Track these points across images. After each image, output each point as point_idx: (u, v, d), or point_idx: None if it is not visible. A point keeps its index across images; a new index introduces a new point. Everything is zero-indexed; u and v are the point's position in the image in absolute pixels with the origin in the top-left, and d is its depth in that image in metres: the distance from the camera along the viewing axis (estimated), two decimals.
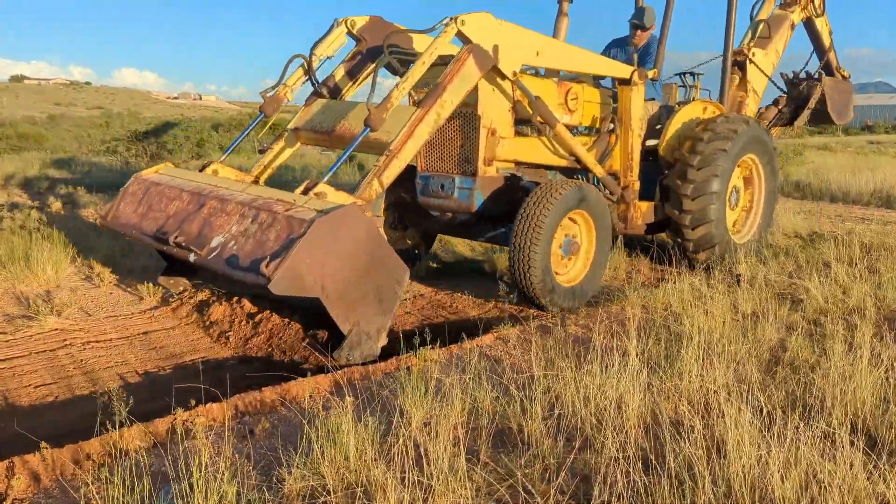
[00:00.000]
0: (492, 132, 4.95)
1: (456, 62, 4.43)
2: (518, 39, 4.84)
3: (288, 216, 3.70)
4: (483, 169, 4.97)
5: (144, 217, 4.66)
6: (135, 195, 4.92)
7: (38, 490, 2.48)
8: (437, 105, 4.34)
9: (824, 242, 6.62)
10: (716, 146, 5.92)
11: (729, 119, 6.21)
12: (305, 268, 3.48)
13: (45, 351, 4.20)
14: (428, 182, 5.27)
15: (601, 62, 5.78)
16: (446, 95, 4.37)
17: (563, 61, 5.47)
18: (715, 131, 6.00)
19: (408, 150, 4.24)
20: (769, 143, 6.64)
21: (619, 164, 5.92)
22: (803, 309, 4.54)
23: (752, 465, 2.34)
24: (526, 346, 3.80)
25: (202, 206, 4.27)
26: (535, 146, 5.32)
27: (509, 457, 2.62)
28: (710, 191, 5.87)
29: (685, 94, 6.83)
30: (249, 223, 3.86)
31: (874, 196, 11.04)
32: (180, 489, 2.27)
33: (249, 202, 4.01)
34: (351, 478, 2.41)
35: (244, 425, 2.96)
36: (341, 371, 3.49)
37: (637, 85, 5.74)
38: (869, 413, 2.90)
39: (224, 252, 3.85)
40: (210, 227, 4.08)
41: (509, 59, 4.75)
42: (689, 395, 3.05)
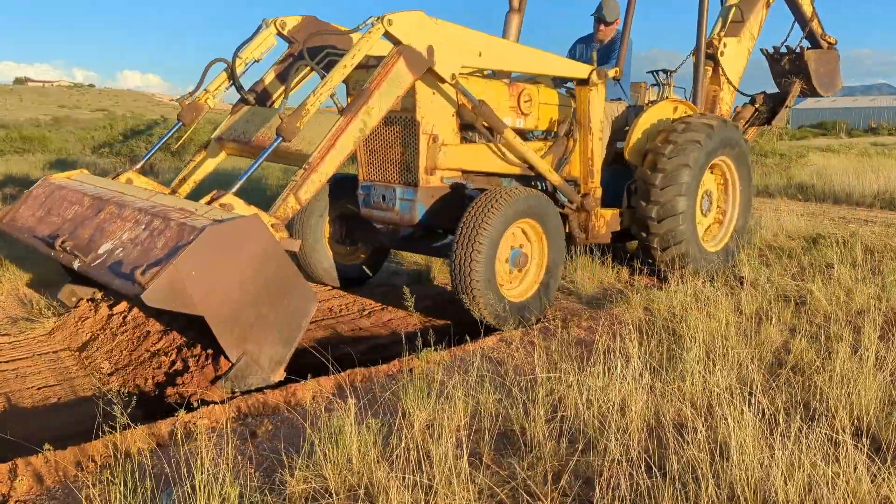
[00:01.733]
0: (433, 139, 4.59)
1: (384, 65, 4.09)
2: (456, 39, 4.43)
3: (181, 223, 3.34)
4: (425, 178, 4.61)
5: (41, 221, 4.31)
6: (37, 199, 4.57)
7: (40, 492, 2.48)
8: (363, 113, 3.98)
9: (827, 244, 6.60)
10: (677, 162, 5.48)
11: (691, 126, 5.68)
12: (190, 281, 3.07)
13: (50, 352, 4.20)
14: (369, 192, 4.89)
15: (555, 62, 5.29)
16: (373, 102, 4.01)
17: (510, 62, 5.04)
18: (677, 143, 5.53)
19: (328, 163, 3.89)
20: (743, 145, 6.24)
21: (578, 169, 5.53)
22: (807, 311, 4.53)
23: (756, 468, 2.34)
24: (529, 348, 3.80)
25: (100, 210, 3.93)
26: (484, 153, 4.93)
27: (512, 459, 2.62)
28: (677, 211, 5.48)
29: (659, 92, 6.48)
30: (142, 230, 3.51)
31: (878, 198, 11.01)
32: (182, 491, 2.26)
33: (148, 208, 3.66)
34: (353, 480, 2.41)
35: (246, 427, 2.96)
36: (344, 373, 3.49)
37: (596, 85, 5.30)
38: (873, 416, 2.89)
39: (109, 259, 3.48)
40: (102, 233, 3.73)
41: (447, 61, 4.36)
42: (692, 397, 3.04)
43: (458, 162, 4.79)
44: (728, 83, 7.02)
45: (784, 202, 10.04)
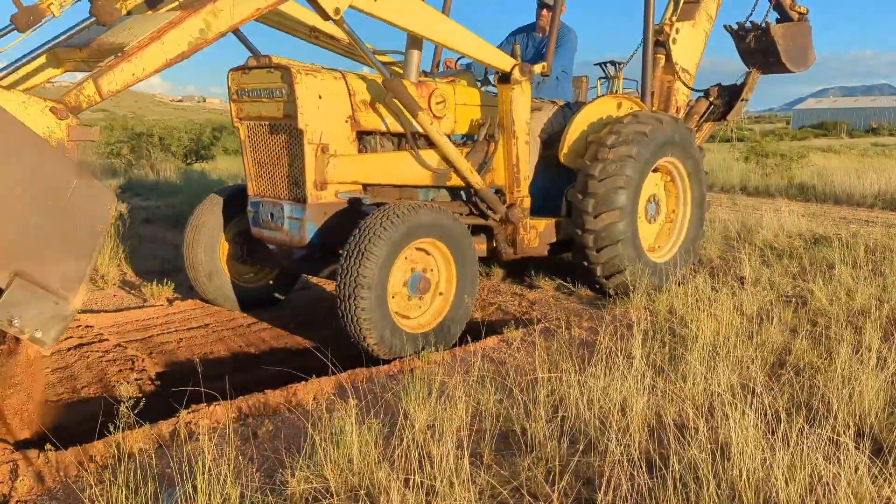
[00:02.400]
0: (322, 148, 4.05)
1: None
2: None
3: None
4: (315, 194, 4.09)
5: None
6: None
7: (42, 492, 2.49)
8: (208, 12, 3.19)
9: (828, 245, 6.60)
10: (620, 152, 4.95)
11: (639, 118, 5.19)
12: None
13: (51, 352, 4.20)
14: (258, 210, 4.40)
15: (469, 40, 4.40)
16: (223, 3, 3.23)
17: (411, 20, 4.10)
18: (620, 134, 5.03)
19: (148, 56, 3.05)
20: (690, 142, 5.57)
21: (502, 177, 4.96)
22: (808, 311, 4.53)
23: (757, 469, 2.34)
24: (530, 349, 3.80)
25: None
26: (387, 162, 4.38)
27: (513, 459, 2.62)
28: (616, 205, 4.94)
29: (608, 86, 5.98)
30: None
31: (878, 198, 11.01)
32: (184, 491, 2.27)
33: None
34: (354, 480, 2.41)
35: (247, 427, 2.96)
36: (345, 373, 3.49)
37: (520, 82, 4.69)
38: (875, 416, 2.89)
39: None
40: None
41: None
42: (693, 397, 3.04)
43: (355, 174, 4.26)
44: (683, 72, 6.36)
45: (785, 202, 10.03)
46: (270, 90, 4.13)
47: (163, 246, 7.21)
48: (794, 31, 7.07)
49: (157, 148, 16.13)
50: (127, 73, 3.02)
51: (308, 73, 4.03)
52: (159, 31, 3.10)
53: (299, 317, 5.09)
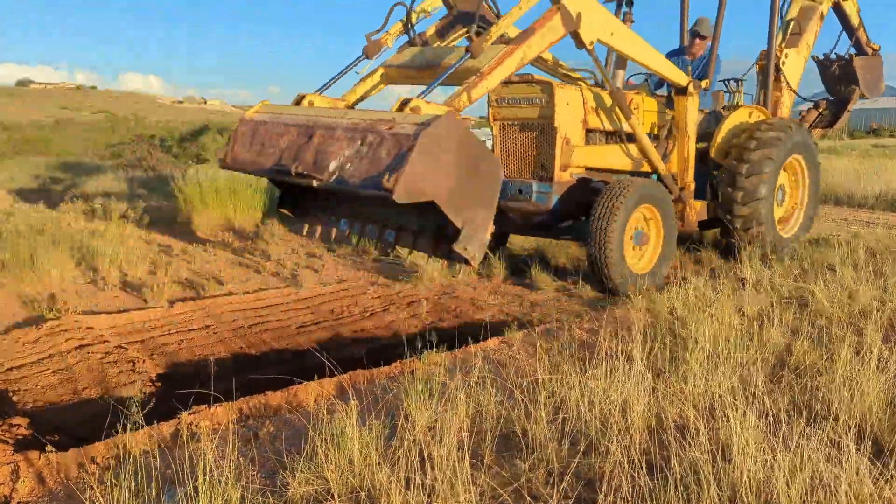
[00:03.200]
0: (567, 141, 5.53)
1: (544, 16, 4.85)
2: (599, 15, 5.18)
3: (393, 133, 4.07)
4: (559, 174, 5.55)
5: (260, 154, 5.05)
6: (245, 136, 5.29)
7: (43, 493, 2.49)
8: (525, 45, 4.70)
9: (829, 246, 6.60)
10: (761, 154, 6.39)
11: (774, 126, 6.64)
12: (420, 176, 3.88)
13: (53, 354, 4.21)
14: (506, 187, 5.64)
15: (663, 62, 6.03)
16: (533, 40, 4.73)
17: (632, 49, 5.62)
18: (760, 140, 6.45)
19: (495, 75, 4.59)
20: (811, 145, 7.17)
21: (676, 166, 6.40)
22: (809, 313, 4.52)
23: (758, 470, 2.33)
24: (530, 350, 3.79)
25: (311, 136, 4.64)
26: (602, 152, 5.90)
27: (514, 461, 2.62)
28: (759, 196, 6.36)
29: (729, 98, 7.33)
30: (359, 145, 4.24)
31: (880, 199, 11.00)
32: (185, 493, 2.27)
33: (354, 126, 4.37)
34: (355, 482, 2.41)
35: (249, 429, 2.96)
36: (346, 375, 3.49)
37: (692, 95, 6.16)
38: (875, 418, 2.88)
39: (343, 173, 4.24)
40: (324, 155, 4.45)
41: (589, 28, 5.07)
42: (694, 399, 3.04)
43: (583, 160, 5.71)
44: (788, 89, 7.79)
45: None
46: (530, 98, 5.63)
47: (163, 246, 7.22)
48: (871, 63, 8.69)
49: (157, 149, 16.15)
50: (484, 87, 4.58)
51: (562, 87, 5.59)
52: (500, 59, 4.59)
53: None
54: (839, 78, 8.55)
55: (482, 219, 4.25)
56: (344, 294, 5.65)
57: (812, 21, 7.92)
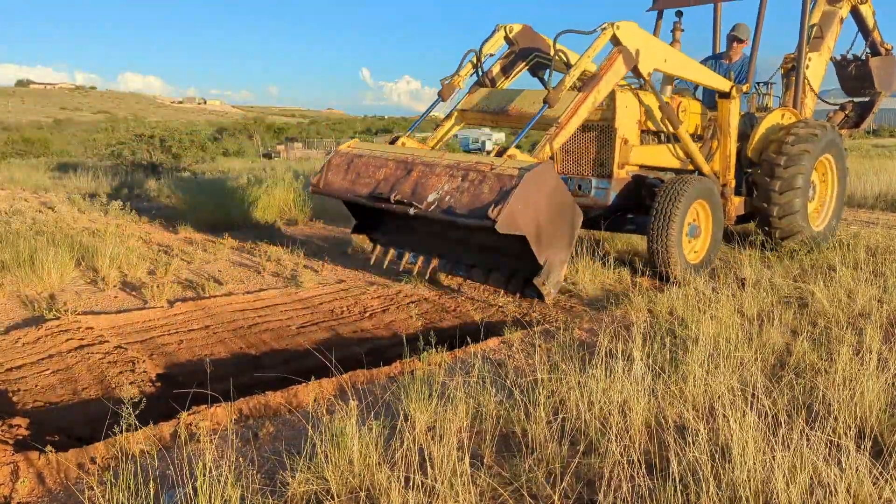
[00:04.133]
0: (625, 141, 5.93)
1: (609, 59, 5.40)
2: (653, 46, 5.78)
3: (497, 173, 4.64)
4: (617, 172, 5.94)
5: (355, 182, 5.60)
6: (339, 166, 5.84)
7: (42, 493, 2.49)
8: (595, 91, 5.28)
9: (829, 246, 6.60)
10: (800, 148, 6.75)
11: (809, 125, 7.04)
12: (518, 212, 4.40)
13: (52, 354, 4.21)
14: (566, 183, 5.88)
15: (709, 75, 6.57)
16: (601, 85, 5.31)
17: (682, 70, 6.26)
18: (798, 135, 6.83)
19: (572, 124, 5.19)
20: (840, 145, 7.51)
21: (718, 165, 6.84)
22: (808, 313, 4.52)
23: (757, 470, 2.33)
24: (530, 350, 3.79)
25: (410, 170, 5.19)
26: (654, 152, 6.29)
27: (513, 461, 2.62)
28: (796, 185, 6.71)
29: (760, 101, 7.69)
30: (460, 181, 4.79)
31: (879, 199, 11.00)
32: (184, 493, 2.27)
33: (454, 165, 4.94)
34: (355, 482, 2.41)
35: (248, 429, 2.96)
36: (346, 375, 3.49)
37: (735, 98, 6.59)
38: (875, 418, 2.88)
39: (442, 204, 4.78)
40: (423, 187, 4.98)
41: (646, 61, 5.65)
42: (693, 399, 3.04)
43: (638, 158, 6.10)
44: (811, 91, 8.07)
45: None
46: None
47: (162, 246, 7.22)
48: (885, 63, 9.01)
49: (157, 150, 16.14)
50: (563, 136, 5.19)
51: (623, 91, 5.91)
52: (574, 107, 5.20)
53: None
54: (855, 78, 8.94)
55: (561, 259, 4.76)
56: (344, 294, 5.65)
57: (832, 25, 8.21)
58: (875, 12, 8.80)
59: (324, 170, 5.98)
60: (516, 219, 4.40)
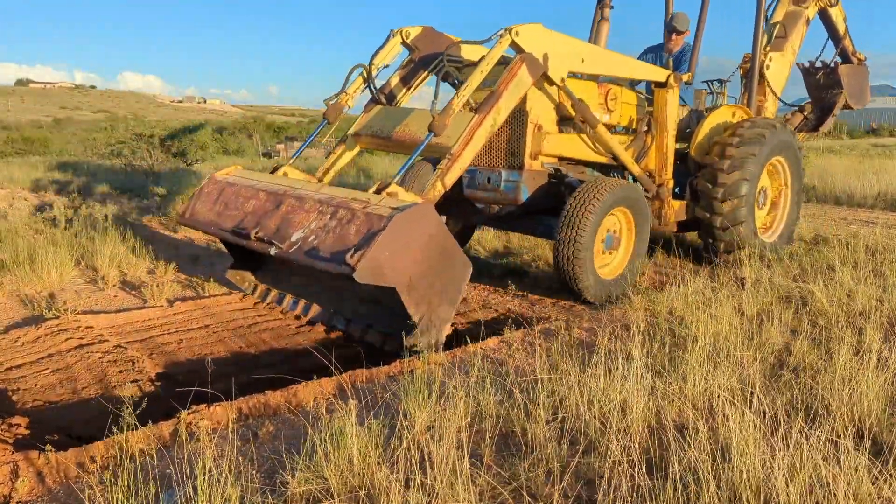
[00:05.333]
0: (538, 128, 5.28)
1: (509, 71, 4.74)
2: (566, 48, 5.13)
3: (367, 213, 4.01)
4: (529, 163, 5.30)
5: (221, 215, 4.94)
6: (210, 195, 5.18)
7: (42, 492, 2.49)
8: (494, 112, 4.64)
9: (829, 245, 6.60)
10: (744, 151, 6.14)
11: (757, 123, 6.42)
12: (385, 259, 3.77)
13: (52, 353, 4.21)
14: (474, 175, 5.54)
15: (640, 66, 6.06)
16: (501, 103, 4.67)
17: (605, 67, 5.70)
18: (743, 136, 6.22)
19: (467, 154, 4.53)
20: (795, 146, 6.89)
21: (654, 163, 6.22)
22: (808, 312, 4.52)
23: (757, 469, 2.34)
24: (530, 350, 3.79)
25: (280, 204, 4.55)
26: (577, 143, 5.58)
27: (513, 460, 2.62)
28: (740, 193, 6.11)
29: (713, 99, 7.13)
30: (328, 219, 4.15)
31: (879, 199, 11.01)
32: (184, 492, 2.27)
33: (327, 200, 4.29)
34: (354, 481, 2.41)
35: (248, 428, 2.96)
36: (345, 374, 3.49)
37: (673, 88, 6.05)
38: (875, 418, 2.88)
39: (304, 245, 4.13)
40: (289, 223, 4.35)
41: (558, 66, 5.05)
42: (693, 398, 3.04)
43: (556, 149, 5.46)
44: (772, 93, 7.65)
45: None
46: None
47: (163, 246, 7.21)
48: (857, 72, 8.46)
49: (157, 149, 16.13)
50: (457, 170, 4.51)
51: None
52: (469, 135, 4.52)
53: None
54: (824, 86, 8.35)
55: (441, 318, 4.06)
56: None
57: (797, 25, 7.78)
58: (846, 18, 8.40)
59: (194, 198, 5.30)
60: (382, 267, 3.76)
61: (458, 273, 4.16)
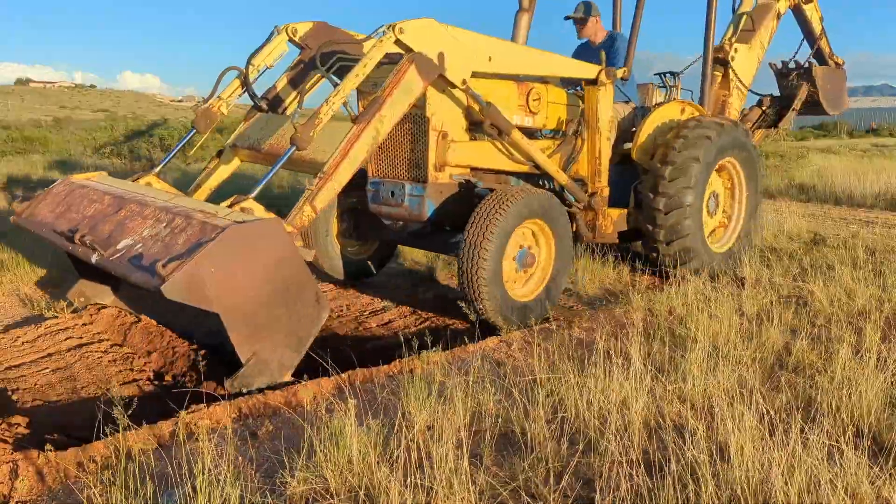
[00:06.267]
0: (443, 135, 4.60)
1: (396, 73, 4.11)
2: (467, 45, 4.45)
3: (203, 221, 3.41)
4: (434, 175, 4.63)
5: (60, 217, 4.38)
6: (57, 195, 4.65)
7: (42, 491, 2.49)
8: (376, 121, 4.02)
9: (828, 245, 6.60)
10: (687, 155, 5.47)
11: (703, 123, 5.73)
12: (209, 277, 3.13)
13: (52, 353, 4.21)
14: (378, 188, 4.92)
15: (564, 63, 5.37)
16: (385, 111, 4.05)
17: (520, 65, 4.99)
18: (687, 138, 5.55)
19: (342, 171, 3.93)
20: (752, 149, 6.20)
21: (585, 169, 5.54)
22: (808, 312, 4.53)
23: (756, 469, 2.34)
24: (529, 350, 3.80)
25: (120, 209, 4.01)
26: (492, 151, 4.92)
27: (512, 460, 2.62)
28: (684, 203, 5.46)
29: (666, 94, 6.54)
30: (163, 227, 3.58)
31: (879, 199, 11.00)
32: (183, 492, 2.27)
33: (169, 208, 3.73)
34: (354, 481, 2.41)
35: (247, 428, 2.96)
36: (345, 374, 3.49)
37: (605, 85, 5.34)
38: (874, 417, 2.89)
39: (128, 254, 3.53)
40: (122, 229, 3.80)
41: (458, 66, 4.41)
42: (692, 398, 3.04)
43: (466, 159, 4.81)
44: (738, 88, 7.07)
45: (785, 203, 10.04)
46: None
47: None
48: (833, 75, 7.82)
49: (156, 148, 16.15)
50: (331, 190, 3.90)
51: None
52: (345, 148, 3.92)
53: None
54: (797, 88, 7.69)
55: (279, 361, 3.42)
56: (344, 293, 5.65)
57: (766, 18, 7.21)
58: (822, 18, 7.83)
59: (38, 198, 4.74)
60: (203, 286, 3.11)
61: (311, 312, 3.50)
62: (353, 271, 5.61)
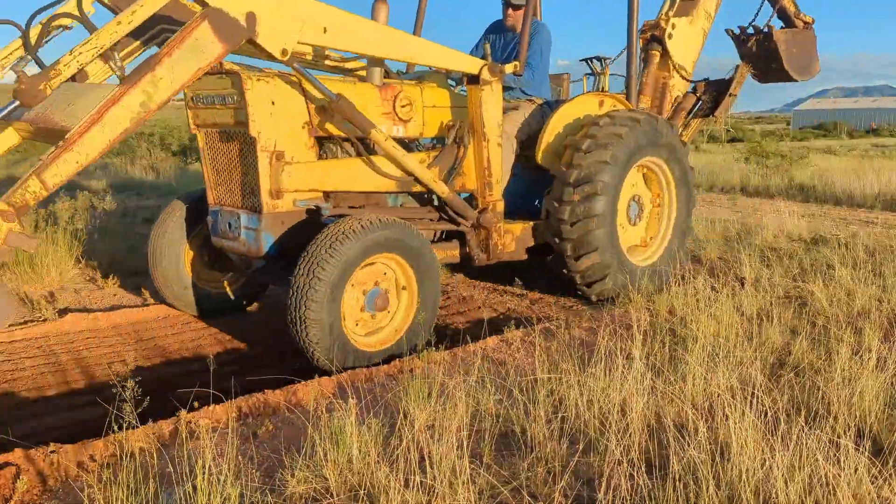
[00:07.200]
0: (277, 156, 3.88)
1: (183, 30, 3.24)
2: (291, 8, 3.53)
3: None
4: (270, 203, 3.92)
5: None
6: None
7: (42, 491, 2.49)
8: (147, 82, 3.10)
9: (828, 245, 6.60)
10: (595, 158, 4.77)
11: (615, 119, 4.98)
12: None
13: (52, 352, 4.21)
14: (217, 218, 4.28)
15: (431, 50, 4.25)
16: (162, 71, 3.14)
17: (370, 46, 3.97)
18: (595, 138, 4.84)
19: (90, 141, 3.01)
20: (675, 142, 5.37)
21: (473, 181, 4.73)
22: (808, 312, 4.53)
23: (757, 469, 2.34)
24: (529, 349, 3.80)
25: None
26: (349, 169, 4.20)
27: (513, 459, 2.62)
28: (593, 213, 4.77)
29: (594, 83, 5.83)
30: None
31: (878, 199, 11.01)
32: (184, 491, 2.27)
33: None
34: (354, 480, 2.41)
35: (248, 427, 2.96)
36: (345, 374, 3.49)
37: (490, 83, 4.47)
38: (874, 417, 2.89)
39: None
40: None
41: (276, 32, 3.48)
42: (693, 398, 3.04)
43: (314, 182, 4.08)
44: (680, 68, 6.12)
45: (785, 203, 10.04)
46: (223, 97, 3.94)
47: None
48: (799, 38, 6.82)
49: (156, 147, 16.14)
50: (70, 163, 2.99)
51: (259, 79, 3.83)
52: (99, 112, 3.01)
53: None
54: (758, 56, 6.67)
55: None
56: None
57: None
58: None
59: None
60: None
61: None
62: (215, 307, 4.90)
